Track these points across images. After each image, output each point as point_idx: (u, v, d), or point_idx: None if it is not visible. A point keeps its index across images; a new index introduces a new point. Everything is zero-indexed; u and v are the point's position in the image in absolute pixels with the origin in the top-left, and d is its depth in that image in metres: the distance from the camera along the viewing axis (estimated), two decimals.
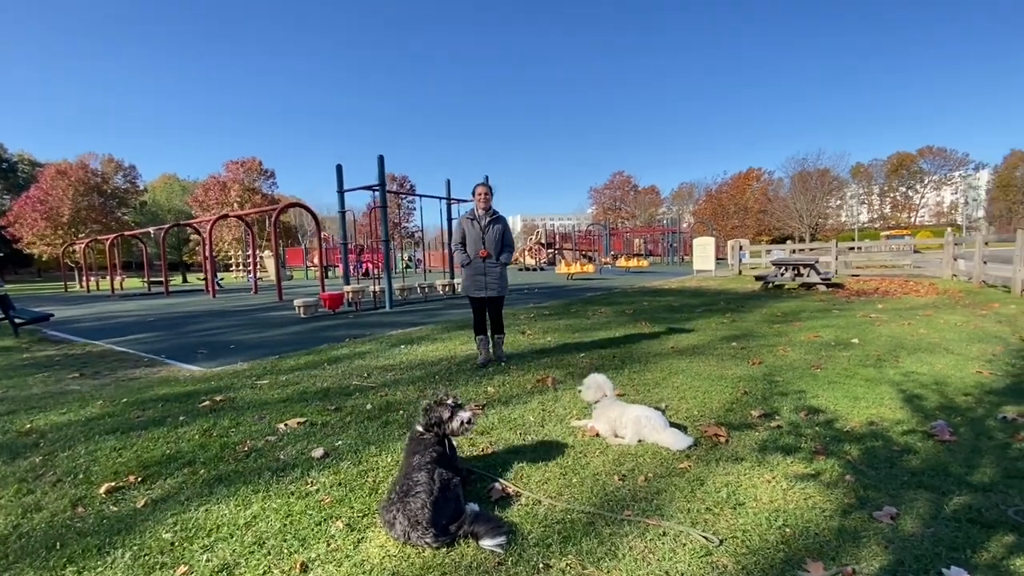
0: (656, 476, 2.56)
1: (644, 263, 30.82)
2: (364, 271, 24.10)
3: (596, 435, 3.12)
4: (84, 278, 26.75)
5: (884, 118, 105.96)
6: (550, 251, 37.43)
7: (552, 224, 50.40)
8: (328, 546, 2.04)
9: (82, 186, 44.51)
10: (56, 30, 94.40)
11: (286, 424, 3.46)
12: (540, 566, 1.87)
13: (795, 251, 20.24)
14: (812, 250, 19.77)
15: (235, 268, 33.02)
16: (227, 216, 21.75)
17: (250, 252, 21.54)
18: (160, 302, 16.10)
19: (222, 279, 27.97)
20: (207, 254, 18.81)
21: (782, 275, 12.85)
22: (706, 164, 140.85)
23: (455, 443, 2.61)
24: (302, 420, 3.53)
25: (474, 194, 5.02)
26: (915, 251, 17.26)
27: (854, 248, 21.89)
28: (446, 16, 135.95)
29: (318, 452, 2.96)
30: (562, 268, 23.05)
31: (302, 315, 10.12)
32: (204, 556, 2.01)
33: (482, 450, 2.98)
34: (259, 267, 25.70)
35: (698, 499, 2.32)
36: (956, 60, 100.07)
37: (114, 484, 2.64)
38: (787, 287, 12.47)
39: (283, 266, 26.28)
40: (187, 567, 1.94)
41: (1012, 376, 4.17)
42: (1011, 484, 2.37)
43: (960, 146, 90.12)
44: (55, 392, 4.76)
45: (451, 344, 6.29)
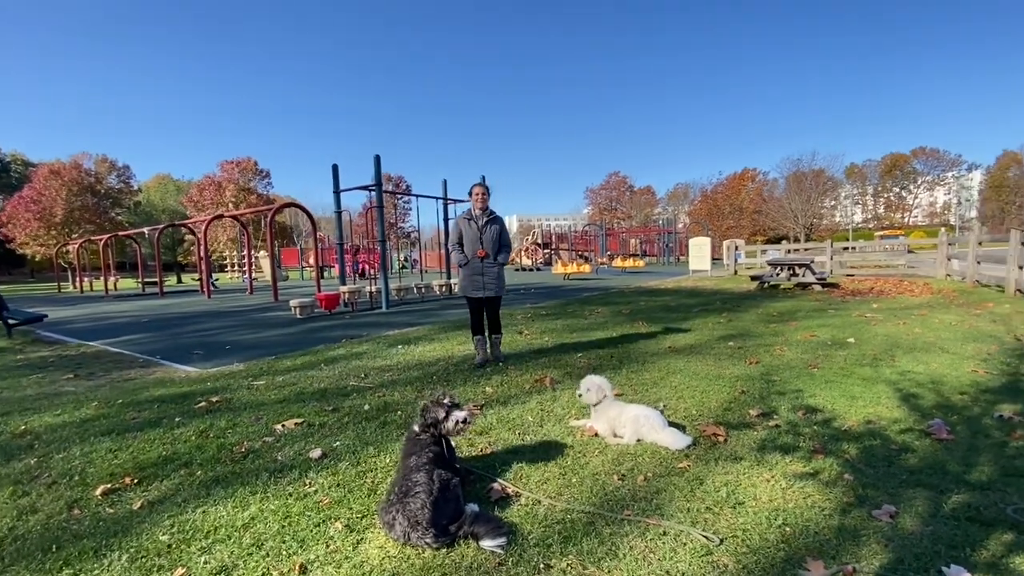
0: (655, 476, 2.56)
1: (640, 263, 30.89)
2: (361, 271, 24.04)
3: (595, 435, 3.11)
4: (78, 279, 26.56)
5: (877, 119, 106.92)
6: (546, 251, 37.46)
7: (548, 224, 50.43)
8: (327, 547, 2.03)
9: (75, 186, 44.18)
10: (49, 29, 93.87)
11: (283, 425, 3.44)
12: (541, 566, 1.87)
13: (790, 251, 20.33)
14: (807, 250, 19.87)
15: (230, 268, 32.84)
16: (222, 216, 21.64)
17: (245, 252, 21.43)
18: (155, 303, 16.01)
19: (217, 279, 27.83)
20: (202, 254, 18.72)
21: (778, 275, 12.89)
22: (701, 164, 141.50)
23: (453, 443, 2.60)
24: (299, 421, 3.51)
25: (471, 194, 5.02)
26: (909, 251, 17.40)
27: (849, 248, 22.04)
28: (446, 16, 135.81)
29: (316, 453, 2.94)
30: (558, 268, 23.09)
31: (298, 316, 10.08)
32: (202, 558, 1.99)
33: (481, 450, 2.97)
34: (254, 267, 25.59)
35: (698, 498, 2.32)
36: (949, 61, 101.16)
37: (110, 486, 2.61)
38: (783, 287, 12.52)
39: (279, 266, 26.14)
40: (184, 569, 1.92)
41: (1007, 375, 4.20)
42: (1009, 482, 2.38)
43: (953, 147, 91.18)
44: (49, 393, 4.72)
45: (448, 344, 6.28)
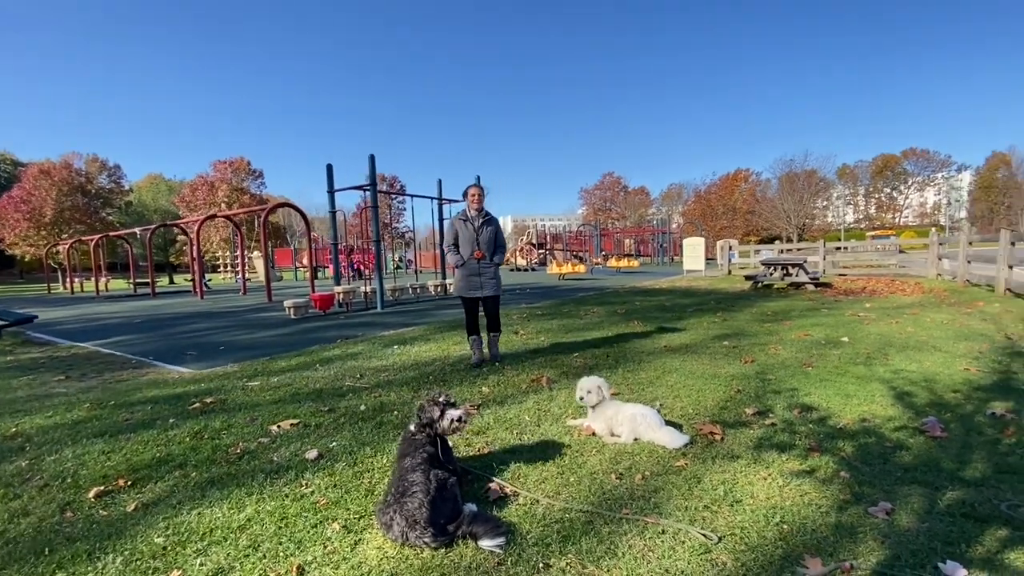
0: (653, 474, 2.56)
1: (635, 263, 31.00)
2: (356, 271, 23.93)
3: (592, 434, 3.12)
4: (68, 279, 26.30)
5: (869, 120, 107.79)
6: (541, 251, 37.48)
7: (543, 224, 50.45)
8: (325, 548, 2.02)
9: (65, 186, 43.70)
10: (41, 28, 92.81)
11: (279, 426, 3.41)
12: (540, 566, 1.86)
13: (784, 251, 20.44)
14: (800, 250, 19.99)
15: (223, 269, 32.65)
16: (215, 216, 21.50)
17: (238, 253, 21.30)
18: (147, 303, 15.87)
19: (210, 280, 27.65)
20: (194, 255, 18.59)
21: (771, 275, 12.96)
22: (695, 165, 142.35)
23: (451, 443, 2.59)
24: (295, 422, 3.49)
25: (466, 195, 5.01)
26: (900, 251, 17.51)
27: (841, 248, 22.18)
28: (446, 16, 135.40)
29: (312, 454, 2.92)
30: (553, 268, 23.13)
31: (292, 316, 10.03)
32: (198, 560, 1.97)
33: (478, 450, 2.96)
34: (248, 268, 25.42)
35: (695, 497, 2.33)
36: (941, 63, 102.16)
37: (103, 488, 2.58)
38: (776, 286, 12.59)
39: (272, 267, 25.99)
40: (180, 572, 1.90)
41: (998, 373, 4.25)
42: (1002, 479, 2.40)
43: (943, 148, 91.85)
44: (40, 395, 4.67)
45: (444, 344, 6.26)
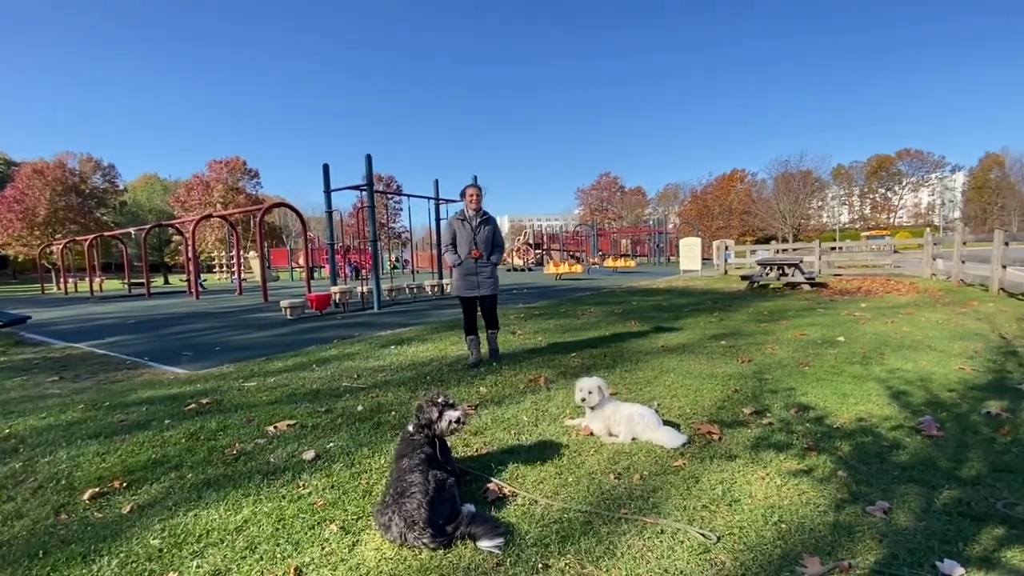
0: (651, 474, 2.56)
1: (631, 263, 31.07)
2: (355, 270, 23.85)
3: (590, 434, 3.11)
4: (62, 280, 26.12)
5: (863, 120, 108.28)
6: (538, 251, 37.49)
7: (540, 225, 50.44)
8: (322, 550, 2.01)
9: (59, 186, 43.44)
10: (35, 27, 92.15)
11: (275, 427, 3.40)
12: (539, 566, 1.86)
13: (779, 251, 20.53)
14: (796, 250, 20.06)
15: (219, 269, 32.48)
16: (210, 216, 21.40)
17: (234, 253, 21.20)
18: (141, 304, 15.78)
19: (205, 280, 27.52)
20: (190, 255, 18.50)
21: (767, 275, 13.01)
22: (691, 165, 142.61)
23: (449, 443, 2.58)
24: (292, 422, 3.47)
25: (464, 195, 5.02)
26: (895, 251, 17.59)
27: (836, 248, 22.27)
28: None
29: (309, 454, 2.91)
30: (550, 268, 23.14)
31: (288, 316, 9.99)
32: (194, 562, 1.96)
33: (476, 450, 2.96)
34: (244, 268, 25.32)
35: (694, 497, 2.33)
36: (934, 63, 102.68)
37: (98, 490, 2.56)
38: (772, 286, 12.63)
39: (268, 267, 25.90)
40: (176, 574, 1.89)
41: (993, 372, 4.27)
42: (998, 477, 2.41)
43: (937, 149, 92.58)
44: (34, 396, 4.63)
45: (442, 344, 6.25)
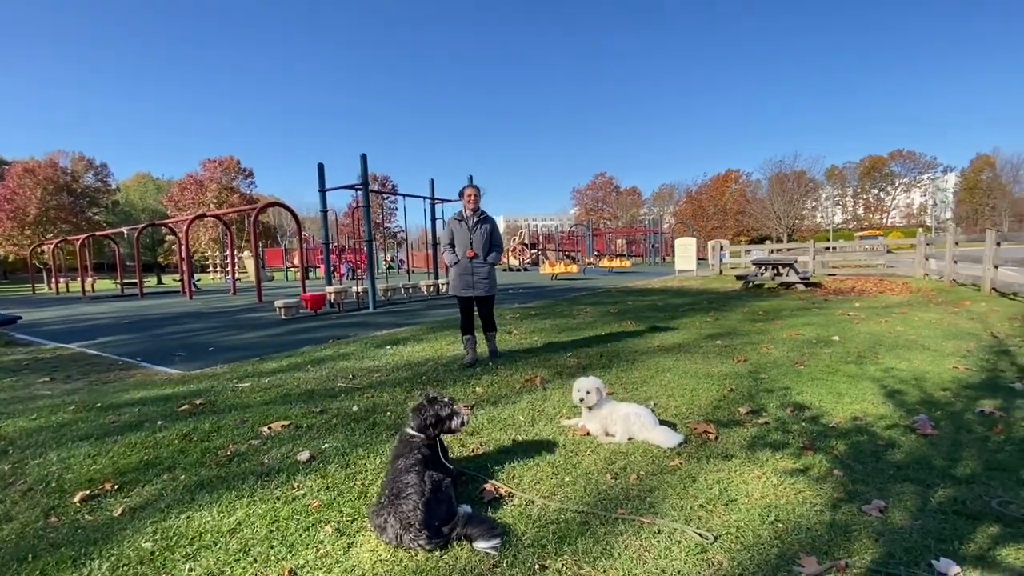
0: (648, 474, 2.55)
1: (627, 263, 31.14)
2: (352, 270, 23.73)
3: (586, 434, 3.11)
4: (53, 280, 25.89)
5: (857, 121, 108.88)
6: (534, 251, 37.53)
7: (535, 225, 50.49)
8: (317, 552, 1.99)
9: (51, 185, 43.06)
10: (31, 26, 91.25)
11: (270, 427, 3.37)
12: (536, 567, 1.85)
13: (774, 251, 20.60)
14: (790, 250, 20.14)
15: (213, 269, 32.32)
16: (204, 216, 21.25)
17: (228, 252, 21.07)
18: (134, 304, 15.66)
19: (199, 280, 27.35)
20: (183, 255, 18.37)
21: (762, 274, 13.05)
22: (686, 165, 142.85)
23: (445, 444, 2.57)
24: (286, 423, 3.45)
25: (462, 195, 5.06)
26: (888, 251, 17.71)
27: (830, 248, 22.37)
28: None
29: (304, 455, 2.88)
30: (546, 268, 23.16)
31: (283, 316, 9.94)
32: (187, 565, 1.93)
33: (472, 451, 2.94)
34: (238, 268, 25.17)
35: (691, 496, 2.32)
36: (927, 65, 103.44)
37: (89, 492, 2.53)
38: (767, 286, 12.68)
39: (263, 267, 25.75)
40: None
41: (986, 371, 4.30)
42: (992, 476, 2.42)
43: (928, 150, 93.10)
44: (24, 397, 4.58)
45: (437, 344, 6.23)
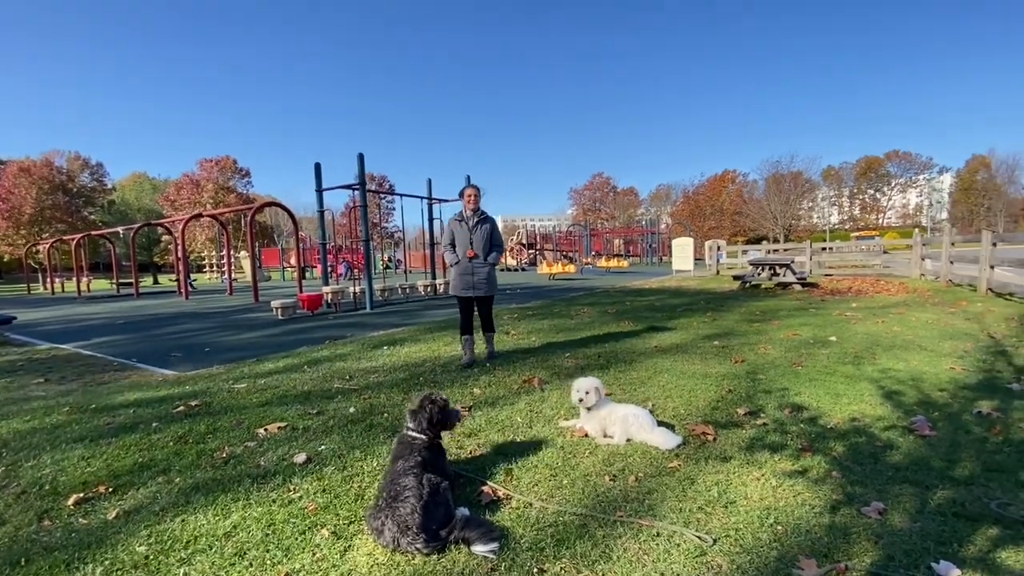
0: (647, 476, 2.54)
1: (624, 263, 31.16)
2: (348, 269, 23.63)
3: (584, 435, 3.09)
4: (49, 280, 25.73)
5: (854, 121, 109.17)
6: (531, 251, 37.53)
7: (533, 225, 50.47)
8: (313, 556, 1.97)
9: (46, 184, 42.92)
10: (27, 26, 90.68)
11: (266, 429, 3.35)
12: (534, 571, 1.83)
13: (771, 251, 20.66)
14: (787, 250, 20.21)
15: (209, 269, 32.20)
16: (201, 216, 21.16)
17: (224, 252, 20.98)
18: (130, 304, 15.58)
19: (195, 280, 27.24)
20: (179, 254, 18.28)
21: (759, 275, 13.07)
22: (683, 165, 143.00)
23: (443, 445, 2.56)
24: (282, 425, 3.42)
25: (462, 195, 5.08)
26: (884, 251, 17.75)
27: (827, 248, 22.44)
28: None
29: (300, 458, 2.86)
30: (543, 268, 23.15)
31: (280, 317, 9.90)
32: (181, 570, 1.91)
33: (470, 452, 2.93)
34: (235, 268, 25.08)
35: (689, 498, 2.31)
36: (924, 65, 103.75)
37: (83, 495, 2.50)
38: (764, 286, 12.70)
39: (259, 267, 25.64)
40: None
41: (983, 372, 4.30)
42: (991, 477, 2.42)
43: (924, 150, 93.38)
44: (18, 398, 4.54)
45: (435, 345, 6.21)
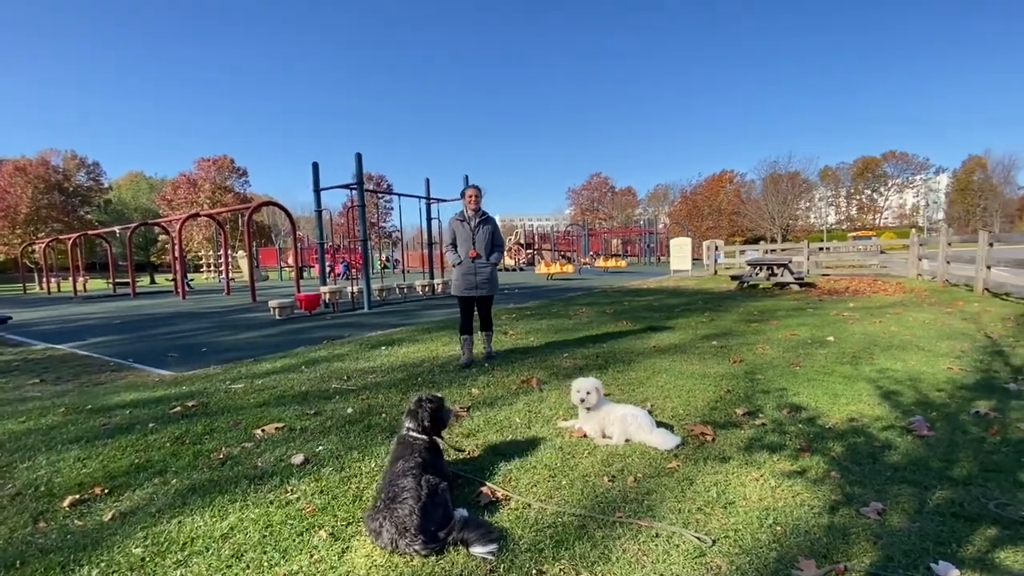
0: (645, 476, 2.54)
1: (622, 263, 31.20)
2: (346, 268, 23.55)
3: (583, 436, 3.09)
4: (45, 279, 25.63)
5: (851, 122, 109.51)
6: (529, 251, 37.54)
7: (531, 224, 50.50)
8: (311, 557, 1.96)
9: (42, 183, 42.79)
10: (24, 25, 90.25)
11: (263, 430, 3.33)
12: (533, 572, 1.83)
13: (769, 251, 20.71)
14: (784, 250, 20.25)
15: (206, 269, 32.11)
16: (198, 215, 21.09)
17: (222, 252, 20.92)
18: (126, 304, 15.52)
19: (192, 280, 27.16)
20: (176, 254, 18.22)
21: (757, 275, 13.10)
22: (681, 165, 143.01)
23: (441, 446, 2.55)
24: (280, 425, 3.41)
25: (464, 196, 5.09)
26: (881, 252, 17.81)
27: (824, 249, 22.49)
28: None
29: (298, 458, 2.85)
30: (541, 268, 23.16)
31: (277, 317, 9.87)
32: (178, 572, 1.90)
33: (468, 453, 2.92)
34: (232, 268, 25.02)
35: (688, 499, 2.31)
36: (920, 66, 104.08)
37: (79, 496, 2.49)
38: (761, 286, 12.72)
39: (257, 267, 25.59)
40: None
41: (980, 372, 4.31)
42: (989, 477, 2.42)
43: (921, 151, 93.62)
44: (13, 399, 4.51)
45: (433, 345, 6.20)
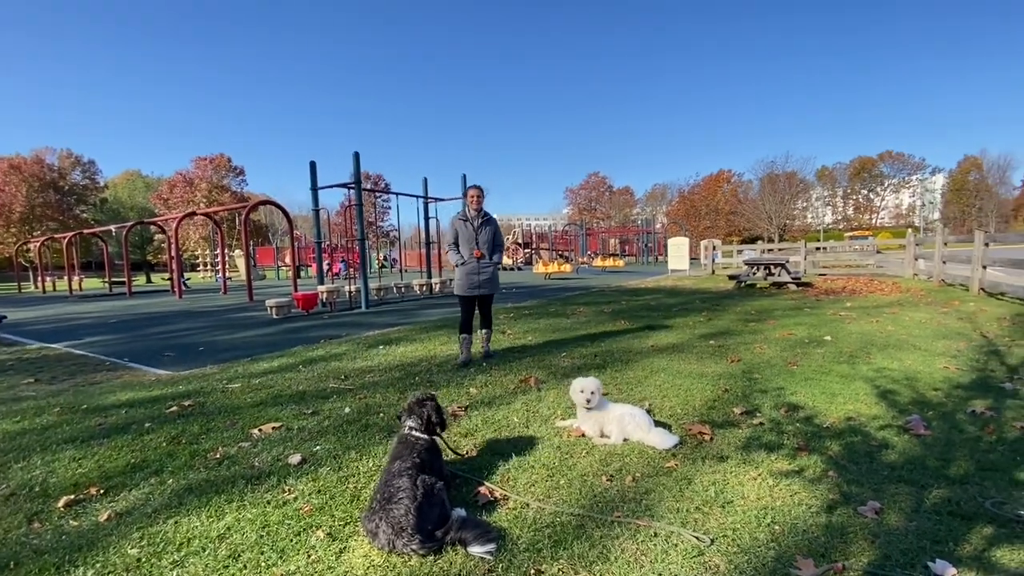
0: (644, 476, 2.54)
1: (620, 263, 31.23)
2: (346, 266, 23.48)
3: (581, 435, 3.09)
4: (40, 278, 25.49)
5: (848, 122, 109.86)
6: (527, 251, 37.54)
7: (528, 224, 50.52)
8: (308, 558, 1.95)
9: (37, 182, 42.54)
10: (21, 25, 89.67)
11: (260, 429, 3.32)
12: (531, 572, 1.82)
13: (766, 251, 20.76)
14: (782, 250, 20.31)
15: (203, 268, 32.00)
16: (194, 214, 21.01)
17: (218, 251, 20.85)
18: (122, 303, 15.45)
19: (189, 279, 27.07)
20: (173, 253, 18.14)
21: (754, 274, 13.13)
22: (679, 165, 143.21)
23: (439, 445, 2.54)
24: (277, 425, 3.40)
25: (466, 196, 5.12)
26: (878, 251, 17.86)
27: (821, 248, 22.55)
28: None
29: (295, 458, 2.84)
30: (539, 268, 23.16)
31: (274, 316, 9.84)
32: (174, 572, 1.89)
33: (466, 453, 2.91)
34: (229, 267, 24.94)
35: (687, 498, 2.31)
36: (917, 66, 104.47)
37: (74, 497, 2.47)
38: (759, 286, 12.75)
39: (254, 266, 25.49)
40: None
41: (976, 371, 4.33)
42: (985, 476, 2.43)
43: (917, 151, 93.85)
44: (8, 399, 4.48)
45: (431, 344, 6.19)
